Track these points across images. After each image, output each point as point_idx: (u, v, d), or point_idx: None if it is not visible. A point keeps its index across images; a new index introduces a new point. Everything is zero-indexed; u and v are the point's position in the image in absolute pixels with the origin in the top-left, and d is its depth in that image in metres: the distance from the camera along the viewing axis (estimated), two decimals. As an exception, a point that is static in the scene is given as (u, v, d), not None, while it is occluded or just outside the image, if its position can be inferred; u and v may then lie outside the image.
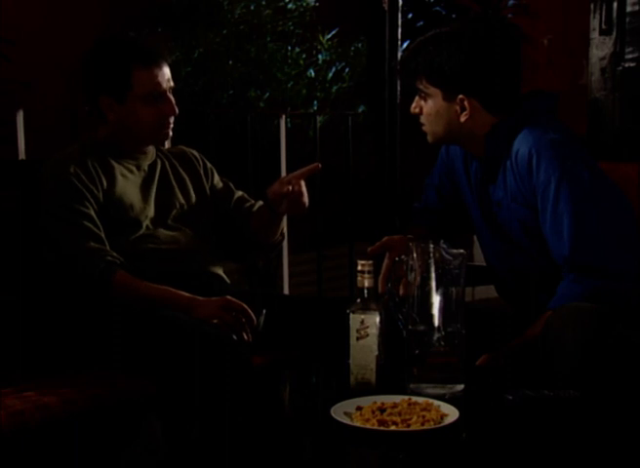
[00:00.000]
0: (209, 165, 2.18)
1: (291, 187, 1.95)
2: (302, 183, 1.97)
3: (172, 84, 1.98)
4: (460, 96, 1.77)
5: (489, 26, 1.82)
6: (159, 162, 2.08)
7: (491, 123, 1.80)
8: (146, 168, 2.04)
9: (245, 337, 1.79)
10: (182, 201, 2.07)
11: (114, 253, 1.87)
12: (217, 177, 2.18)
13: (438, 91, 1.79)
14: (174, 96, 1.98)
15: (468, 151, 1.89)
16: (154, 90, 1.94)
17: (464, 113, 1.79)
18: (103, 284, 1.82)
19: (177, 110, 1.98)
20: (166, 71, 1.97)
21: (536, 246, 1.80)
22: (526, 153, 1.73)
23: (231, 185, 2.20)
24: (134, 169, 2.02)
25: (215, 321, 1.79)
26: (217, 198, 2.15)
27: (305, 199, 1.98)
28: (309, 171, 1.99)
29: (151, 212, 1.99)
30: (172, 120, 1.99)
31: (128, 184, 1.98)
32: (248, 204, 2.17)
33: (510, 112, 1.80)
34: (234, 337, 1.77)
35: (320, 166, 1.99)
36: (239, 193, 2.19)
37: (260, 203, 2.15)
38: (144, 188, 2.01)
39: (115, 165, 1.99)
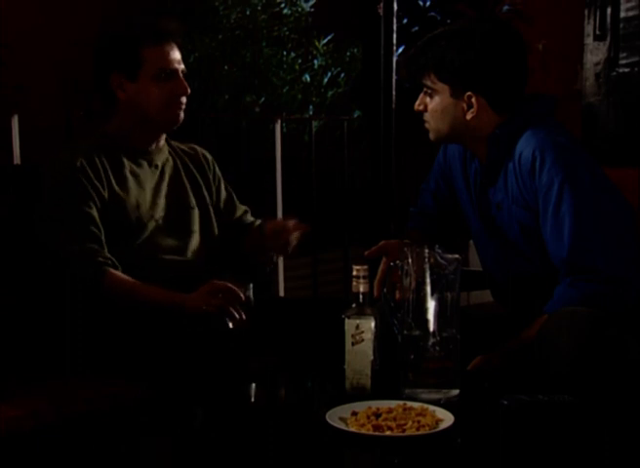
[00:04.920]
0: (218, 171, 2.15)
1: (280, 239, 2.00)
2: (293, 236, 2.00)
3: (183, 66, 1.96)
4: (469, 92, 1.77)
5: (498, 25, 1.83)
6: (171, 159, 2.05)
7: (495, 123, 1.79)
8: (159, 165, 2.01)
9: (237, 316, 1.78)
10: (194, 203, 2.04)
11: (107, 254, 1.85)
12: (222, 186, 2.15)
13: (446, 87, 1.79)
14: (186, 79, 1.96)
15: (470, 151, 1.89)
16: (165, 67, 1.92)
17: (471, 111, 1.78)
18: (94, 285, 1.81)
19: (189, 90, 1.95)
20: (177, 52, 1.95)
21: (533, 249, 1.80)
22: (530, 154, 1.73)
23: (235, 198, 2.17)
24: (145, 165, 1.98)
25: (204, 308, 1.77)
26: (221, 209, 2.13)
27: (291, 248, 2.02)
28: (299, 229, 2.02)
29: (159, 212, 1.97)
30: (184, 100, 1.96)
31: (136, 183, 1.95)
32: (249, 221, 2.15)
33: (513, 113, 1.80)
34: (227, 319, 1.76)
35: (309, 229, 2.03)
36: (243, 208, 2.17)
37: (259, 222, 2.14)
38: (154, 187, 1.98)
39: (126, 162, 1.95)
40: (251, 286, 1.88)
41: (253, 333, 1.90)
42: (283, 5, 4.54)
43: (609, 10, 3.41)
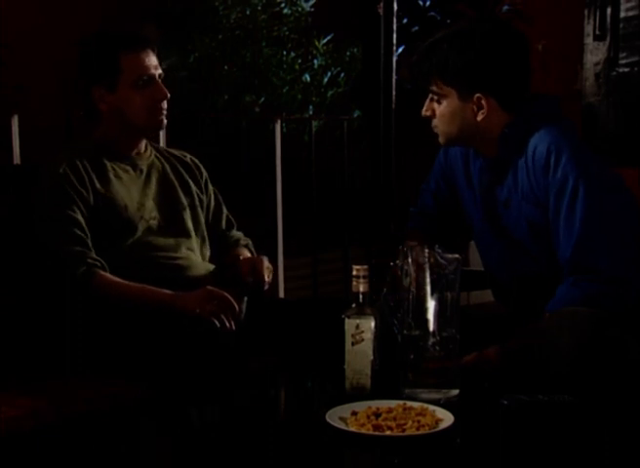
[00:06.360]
0: (205, 174, 2.17)
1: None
2: (266, 273, 2.00)
3: (160, 71, 2.00)
4: (478, 94, 1.77)
5: (498, 24, 1.83)
6: (158, 162, 2.08)
7: (505, 122, 1.79)
8: (144, 168, 2.04)
9: (227, 325, 1.79)
10: (185, 203, 2.06)
11: (94, 256, 1.86)
12: (212, 194, 2.17)
13: (453, 90, 1.78)
14: (164, 83, 1.99)
15: (474, 150, 1.89)
16: (143, 73, 1.95)
17: (481, 112, 1.78)
18: (83, 286, 1.81)
19: (168, 94, 1.98)
20: (153, 58, 1.99)
21: (540, 248, 1.80)
22: (544, 150, 1.73)
23: (223, 209, 2.18)
24: (129, 169, 2.01)
25: (197, 311, 1.78)
26: (209, 217, 2.14)
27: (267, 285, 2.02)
28: (269, 268, 2.03)
29: (149, 214, 1.98)
30: (164, 105, 1.99)
31: (122, 185, 1.97)
32: (231, 240, 2.16)
33: (520, 113, 1.80)
34: (217, 324, 1.77)
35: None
36: (225, 212, 2.19)
37: (240, 240, 2.16)
38: (141, 189, 2.01)
39: (109, 166, 1.98)
40: (245, 299, 1.89)
41: (253, 334, 1.90)
42: (283, 5, 4.55)
43: (609, 10, 3.41)
